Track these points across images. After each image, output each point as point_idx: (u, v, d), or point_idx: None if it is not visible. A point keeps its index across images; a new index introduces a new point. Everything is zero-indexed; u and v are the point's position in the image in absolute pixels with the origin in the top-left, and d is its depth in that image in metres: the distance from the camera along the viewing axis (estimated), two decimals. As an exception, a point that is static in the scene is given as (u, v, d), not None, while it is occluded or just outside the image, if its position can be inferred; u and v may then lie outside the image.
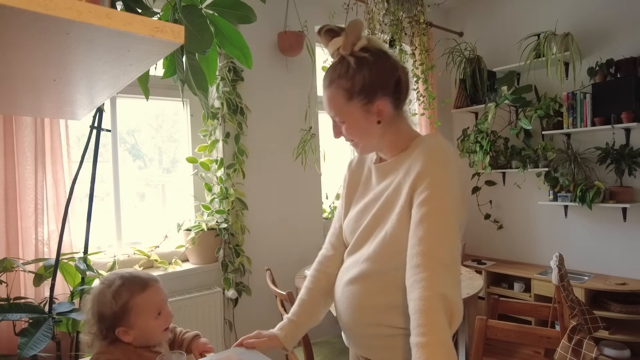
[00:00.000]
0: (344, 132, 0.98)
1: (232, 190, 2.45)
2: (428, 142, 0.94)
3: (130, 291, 0.98)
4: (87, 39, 0.51)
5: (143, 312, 0.98)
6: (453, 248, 0.85)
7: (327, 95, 0.97)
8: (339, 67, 0.95)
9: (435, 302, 0.78)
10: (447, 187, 0.87)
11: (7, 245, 1.79)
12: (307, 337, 1.80)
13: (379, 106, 0.93)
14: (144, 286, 1.01)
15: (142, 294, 0.99)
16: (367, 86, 0.92)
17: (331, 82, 0.96)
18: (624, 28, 2.84)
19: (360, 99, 0.93)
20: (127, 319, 0.97)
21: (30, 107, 1.00)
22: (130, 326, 0.97)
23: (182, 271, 2.35)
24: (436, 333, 0.76)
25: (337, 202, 3.12)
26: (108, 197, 2.32)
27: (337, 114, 0.96)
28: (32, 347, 1.41)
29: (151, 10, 1.16)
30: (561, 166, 3.02)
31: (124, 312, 0.97)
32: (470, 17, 3.74)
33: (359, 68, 0.92)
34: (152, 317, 1.00)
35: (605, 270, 2.97)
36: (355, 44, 0.94)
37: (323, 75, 1.01)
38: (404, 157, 0.96)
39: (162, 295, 1.04)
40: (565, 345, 1.63)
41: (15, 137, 1.81)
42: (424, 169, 0.88)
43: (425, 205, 0.85)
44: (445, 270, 0.82)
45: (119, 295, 0.97)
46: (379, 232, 0.95)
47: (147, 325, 0.99)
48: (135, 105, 2.47)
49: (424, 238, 0.83)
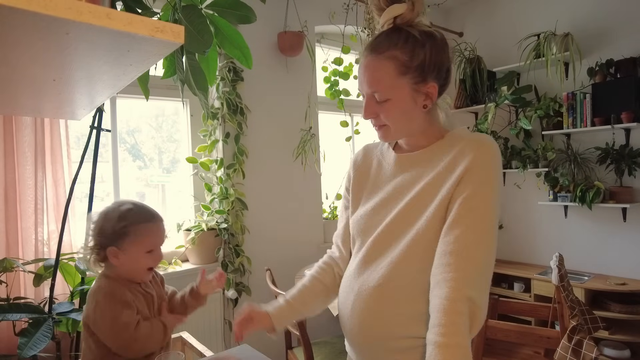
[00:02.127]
0: (382, 112, 0.86)
1: (232, 190, 2.45)
2: (477, 137, 0.86)
3: (136, 217, 1.03)
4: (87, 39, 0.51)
5: (138, 241, 1.02)
6: (491, 251, 0.80)
7: (373, 65, 0.85)
8: (394, 36, 0.84)
9: (460, 304, 0.74)
10: (493, 186, 0.81)
11: (7, 245, 1.79)
12: (307, 337, 1.80)
13: (430, 88, 0.85)
14: (149, 218, 1.06)
15: (145, 224, 1.04)
16: (425, 64, 0.83)
17: (383, 50, 0.84)
18: (624, 28, 2.84)
19: (414, 75, 0.83)
20: (121, 242, 1.01)
21: (30, 107, 1.00)
22: (122, 250, 1.01)
23: (182, 271, 2.35)
24: (456, 335, 0.72)
25: (337, 202, 3.12)
26: (108, 197, 2.32)
27: (383, 88, 0.84)
28: (32, 347, 1.41)
29: (151, 10, 1.16)
30: (561, 166, 3.02)
31: (122, 234, 1.01)
32: (470, 17, 3.74)
33: (421, 43, 0.83)
34: (144, 250, 1.04)
35: (605, 270, 2.97)
36: (416, 18, 0.85)
37: (369, 41, 0.89)
38: (438, 149, 0.88)
39: (160, 235, 1.08)
40: (565, 346, 1.63)
41: (15, 137, 1.81)
42: (474, 164, 0.81)
43: (468, 202, 0.79)
44: (478, 273, 0.77)
45: (124, 217, 1.02)
46: (407, 230, 0.85)
47: (136, 256, 1.03)
48: (135, 105, 2.47)
49: (460, 237, 0.78)
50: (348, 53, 2.97)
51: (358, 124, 3.25)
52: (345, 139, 3.17)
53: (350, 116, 3.39)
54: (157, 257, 1.07)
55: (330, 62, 3.01)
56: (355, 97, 3.07)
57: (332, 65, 3.00)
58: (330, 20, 2.92)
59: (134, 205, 1.06)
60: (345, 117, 3.20)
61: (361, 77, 0.88)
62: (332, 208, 3.13)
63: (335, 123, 3.18)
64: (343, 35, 2.96)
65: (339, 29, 2.94)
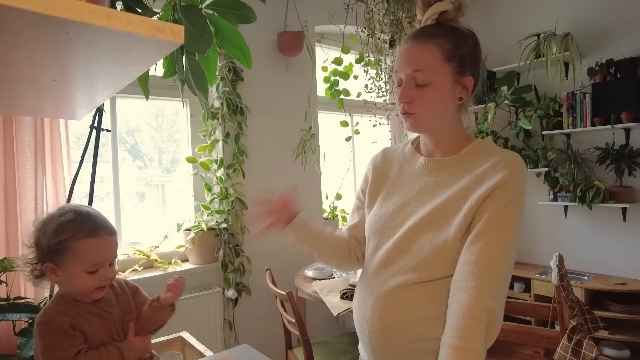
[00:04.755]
0: (419, 97, 0.87)
1: (232, 190, 2.45)
2: (510, 155, 0.88)
3: (75, 231, 0.87)
4: (87, 39, 0.51)
5: (77, 259, 0.87)
6: (511, 265, 0.83)
7: (418, 48, 0.87)
8: (440, 28, 0.89)
9: (480, 312, 0.75)
10: (521, 203, 0.84)
11: (7, 245, 1.80)
12: (307, 337, 1.80)
13: (468, 82, 0.88)
14: (91, 233, 0.89)
15: (85, 240, 0.88)
16: (467, 57, 0.88)
17: (431, 37, 0.87)
18: (624, 28, 2.84)
19: (457, 64, 0.86)
20: (59, 258, 0.87)
21: (30, 107, 1.00)
22: (60, 267, 0.88)
23: (182, 271, 2.35)
24: (472, 341, 0.73)
25: (337, 202, 3.12)
26: (108, 197, 2.32)
27: (427, 70, 0.85)
28: (32, 347, 1.41)
29: (151, 10, 1.16)
30: (561, 166, 3.02)
31: (58, 250, 0.86)
32: (470, 17, 3.71)
33: (465, 38, 0.89)
34: (86, 268, 0.88)
35: (605, 270, 2.97)
36: (459, 18, 0.91)
37: (413, 31, 0.92)
38: (467, 159, 0.90)
39: (108, 251, 0.92)
40: (565, 345, 1.63)
41: (15, 137, 1.81)
42: (507, 182, 0.83)
43: (496, 216, 0.82)
44: (500, 284, 0.80)
45: (62, 230, 0.87)
46: (433, 235, 0.86)
47: (76, 275, 0.88)
48: (135, 105, 2.47)
49: (486, 248, 0.80)
50: (348, 53, 2.96)
51: (358, 124, 3.24)
52: (345, 139, 3.17)
53: (350, 116, 3.39)
54: (103, 275, 0.90)
55: (330, 62, 3.01)
56: (355, 97, 3.07)
57: (332, 65, 3.00)
58: (330, 20, 2.92)
59: (77, 214, 0.89)
60: (345, 117, 3.20)
61: (403, 59, 0.89)
62: (332, 208, 3.13)
63: (335, 123, 3.18)
64: (343, 35, 2.95)
65: (339, 29, 2.94)
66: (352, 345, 2.11)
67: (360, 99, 3.10)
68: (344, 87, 3.01)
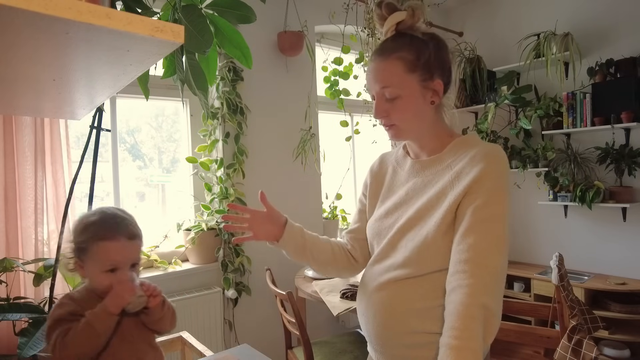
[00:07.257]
0: (393, 110, 0.91)
1: (232, 190, 2.45)
2: (487, 147, 0.88)
3: (93, 233, 0.92)
4: (87, 39, 0.51)
5: (93, 259, 0.92)
6: (504, 259, 0.82)
7: (382, 66, 0.91)
8: (399, 39, 0.91)
9: (475, 309, 0.75)
10: (504, 195, 0.84)
11: (7, 245, 1.79)
12: (307, 337, 1.80)
13: (437, 85, 0.90)
14: (105, 236, 0.92)
15: (99, 242, 0.91)
16: (430, 62, 0.90)
17: (391, 52, 0.90)
18: (624, 28, 2.84)
19: (421, 73, 0.89)
20: (82, 256, 0.93)
21: (30, 107, 1.00)
22: (84, 264, 0.94)
23: (182, 271, 2.35)
24: (470, 339, 0.73)
25: (337, 202, 3.12)
26: (108, 197, 2.32)
27: (393, 85, 0.89)
28: (32, 347, 1.41)
29: (151, 10, 1.16)
30: (561, 166, 3.02)
31: (81, 249, 0.93)
32: (470, 17, 3.74)
33: (425, 43, 0.90)
34: (102, 269, 0.92)
35: (605, 270, 2.97)
36: (417, 24, 0.92)
37: (376, 48, 0.95)
38: (449, 155, 0.92)
39: (124, 254, 0.93)
40: (565, 345, 1.63)
41: (15, 137, 1.81)
42: (483, 175, 0.83)
43: (479, 212, 0.82)
44: (494, 280, 0.79)
45: (84, 231, 0.93)
46: (416, 233, 0.89)
47: (94, 274, 0.93)
48: (135, 105, 2.47)
49: (475, 245, 0.80)
50: (348, 53, 2.96)
51: (358, 124, 3.24)
52: (345, 138, 3.17)
53: (350, 116, 3.39)
54: (121, 277, 0.92)
55: (330, 62, 3.01)
56: (355, 96, 3.07)
57: (332, 65, 3.00)
58: (330, 20, 2.91)
59: (100, 217, 0.94)
60: (345, 117, 3.20)
61: (371, 78, 0.94)
62: (332, 208, 3.13)
63: (335, 123, 3.18)
64: (343, 35, 2.95)
65: (339, 28, 2.94)
66: (352, 345, 2.11)
67: (360, 98, 3.10)
68: (344, 87, 3.01)
